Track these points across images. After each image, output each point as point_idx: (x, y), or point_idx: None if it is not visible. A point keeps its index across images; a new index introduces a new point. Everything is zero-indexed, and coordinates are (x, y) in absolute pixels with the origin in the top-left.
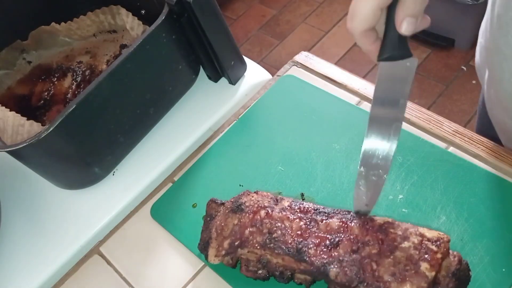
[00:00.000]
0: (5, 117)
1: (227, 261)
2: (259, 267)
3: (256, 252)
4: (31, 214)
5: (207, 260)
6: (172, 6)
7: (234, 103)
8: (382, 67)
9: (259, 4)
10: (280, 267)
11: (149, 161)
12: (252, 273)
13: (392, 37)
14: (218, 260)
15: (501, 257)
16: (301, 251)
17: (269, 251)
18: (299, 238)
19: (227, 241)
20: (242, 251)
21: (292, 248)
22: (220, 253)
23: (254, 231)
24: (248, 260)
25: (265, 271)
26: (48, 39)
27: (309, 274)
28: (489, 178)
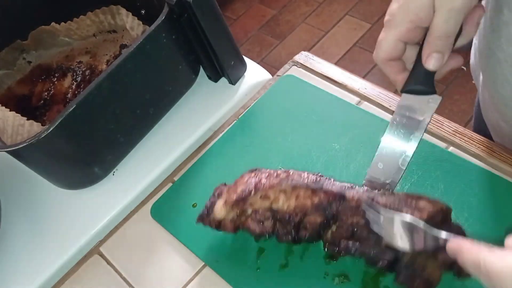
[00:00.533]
0: (5, 117)
1: (232, 216)
2: (267, 216)
3: (269, 195)
4: (31, 214)
5: (206, 221)
6: (172, 6)
7: (234, 103)
8: (404, 98)
9: (259, 4)
10: (290, 213)
11: (149, 161)
12: (258, 223)
13: (418, 71)
14: (224, 213)
15: None
16: (318, 182)
17: (286, 187)
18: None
19: (240, 188)
20: (253, 199)
21: (310, 180)
22: (230, 201)
23: (270, 177)
24: (256, 210)
25: (272, 223)
26: (48, 39)
27: (322, 211)
28: (489, 178)
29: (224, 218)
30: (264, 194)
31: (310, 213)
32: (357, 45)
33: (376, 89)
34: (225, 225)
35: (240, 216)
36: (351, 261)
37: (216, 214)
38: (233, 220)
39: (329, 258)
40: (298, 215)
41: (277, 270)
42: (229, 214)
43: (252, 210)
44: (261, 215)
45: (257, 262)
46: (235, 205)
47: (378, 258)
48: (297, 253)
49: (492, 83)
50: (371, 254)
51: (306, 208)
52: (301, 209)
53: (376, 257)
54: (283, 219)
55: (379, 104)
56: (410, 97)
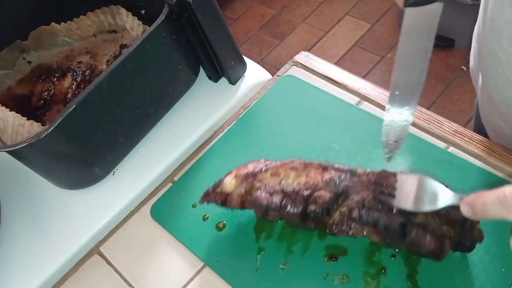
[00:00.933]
0: (5, 117)
1: (240, 191)
2: (277, 189)
3: (280, 172)
4: (31, 214)
5: (211, 196)
6: (172, 6)
7: (234, 103)
8: (407, 16)
9: (259, 4)
10: (300, 187)
11: (149, 161)
12: (267, 195)
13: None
14: (233, 185)
15: (501, 257)
16: (329, 163)
17: (297, 165)
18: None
19: (251, 165)
20: (263, 176)
21: (320, 161)
22: (240, 175)
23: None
24: (266, 185)
25: (281, 196)
26: (48, 39)
27: (332, 186)
28: (489, 178)
29: (232, 192)
30: (274, 171)
31: (321, 188)
32: (357, 45)
33: (376, 89)
34: (231, 199)
35: (249, 191)
36: (351, 262)
37: (225, 186)
38: (241, 194)
39: (329, 258)
40: (308, 189)
41: (277, 271)
42: (238, 188)
43: (263, 183)
44: (270, 188)
45: (257, 263)
46: (244, 180)
47: (391, 222)
48: (297, 253)
49: (493, 85)
50: (384, 218)
51: (317, 183)
52: (311, 184)
53: (388, 220)
54: (293, 192)
55: (379, 104)
56: (412, 12)
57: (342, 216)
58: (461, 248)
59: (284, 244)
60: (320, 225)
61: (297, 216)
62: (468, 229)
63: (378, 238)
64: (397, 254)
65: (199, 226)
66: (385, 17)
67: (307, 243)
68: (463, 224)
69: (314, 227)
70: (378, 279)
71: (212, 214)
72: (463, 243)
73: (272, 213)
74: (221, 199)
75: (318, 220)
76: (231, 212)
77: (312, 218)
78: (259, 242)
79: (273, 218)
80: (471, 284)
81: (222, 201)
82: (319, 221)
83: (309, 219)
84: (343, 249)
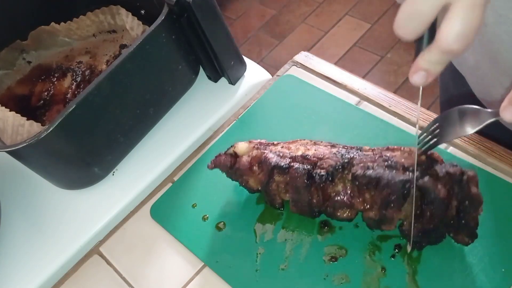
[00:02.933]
0: (5, 117)
1: (251, 154)
2: (286, 154)
3: (290, 146)
4: (31, 214)
5: (221, 157)
6: (171, 6)
7: (233, 103)
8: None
9: (259, 4)
10: (309, 155)
11: (149, 161)
12: (276, 157)
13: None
14: (246, 148)
15: (501, 257)
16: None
17: (307, 142)
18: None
19: (264, 139)
20: (274, 147)
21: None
22: (254, 142)
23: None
24: (276, 151)
25: (290, 160)
26: (47, 39)
27: (338, 157)
28: (489, 178)
29: (243, 154)
30: (286, 145)
31: (328, 157)
32: (357, 45)
33: (376, 89)
34: (241, 160)
35: (259, 156)
36: (351, 262)
37: (238, 147)
38: (251, 157)
39: (329, 258)
40: (315, 157)
41: (277, 271)
42: (249, 151)
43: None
44: (280, 153)
45: (257, 263)
46: (256, 147)
47: (393, 177)
48: (297, 253)
49: (507, 49)
50: (387, 174)
51: (324, 154)
52: (319, 154)
53: (391, 176)
54: (301, 156)
55: (379, 104)
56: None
57: (344, 186)
58: (464, 229)
59: (284, 245)
60: (322, 194)
61: (302, 175)
62: (466, 184)
63: (374, 213)
64: (397, 254)
65: (199, 226)
66: (385, 17)
67: (307, 243)
68: (461, 180)
69: (317, 199)
70: (378, 279)
71: (212, 214)
72: (464, 223)
73: (278, 178)
74: (231, 160)
75: (321, 188)
76: (231, 212)
77: (317, 184)
78: (259, 242)
79: (276, 188)
80: (471, 284)
81: (231, 162)
82: (323, 189)
83: (313, 183)
84: (343, 249)
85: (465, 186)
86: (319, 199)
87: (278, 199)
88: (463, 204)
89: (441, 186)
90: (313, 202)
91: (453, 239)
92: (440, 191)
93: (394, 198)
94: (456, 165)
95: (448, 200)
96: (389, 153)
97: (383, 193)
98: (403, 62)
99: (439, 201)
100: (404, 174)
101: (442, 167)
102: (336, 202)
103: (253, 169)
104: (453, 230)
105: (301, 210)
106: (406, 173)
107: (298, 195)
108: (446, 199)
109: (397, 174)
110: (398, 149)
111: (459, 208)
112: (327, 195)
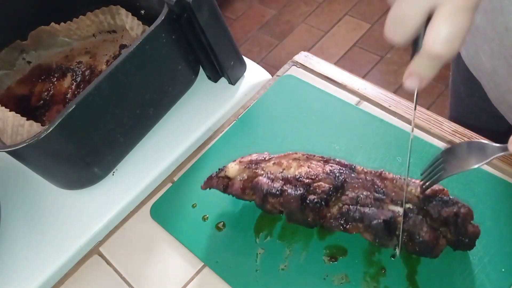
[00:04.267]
0: (5, 117)
1: (243, 177)
2: (278, 177)
3: (282, 162)
4: (31, 214)
5: (214, 181)
6: (171, 6)
7: (233, 103)
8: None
9: (259, 4)
10: (301, 175)
11: (149, 161)
12: (268, 181)
13: None
14: (237, 170)
15: (500, 257)
16: (330, 157)
17: (300, 156)
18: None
19: (254, 155)
20: (266, 164)
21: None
22: (244, 161)
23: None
24: (268, 172)
25: (282, 183)
26: (47, 39)
27: (332, 178)
28: (489, 178)
29: (235, 177)
30: (277, 161)
31: (320, 179)
32: (357, 45)
33: (376, 89)
34: (233, 184)
35: (251, 178)
36: (351, 262)
37: (228, 170)
38: (243, 180)
39: (329, 258)
40: (308, 178)
41: (277, 271)
42: (240, 174)
43: (263, 172)
44: (272, 175)
45: (257, 263)
46: (247, 167)
47: (375, 217)
48: (297, 253)
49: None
50: (369, 214)
51: (317, 174)
52: (312, 174)
53: (373, 216)
54: (293, 178)
55: (378, 104)
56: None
57: (340, 210)
58: (461, 246)
59: (284, 244)
60: (318, 216)
61: (296, 200)
62: (461, 225)
63: (370, 237)
64: (397, 254)
65: (198, 226)
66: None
67: (307, 243)
68: (456, 221)
69: (312, 218)
70: (378, 279)
71: (212, 214)
72: (461, 241)
73: (271, 200)
74: (223, 184)
75: (316, 211)
76: (231, 212)
77: (311, 208)
78: (259, 242)
79: (271, 207)
80: (471, 284)
81: (224, 185)
82: (317, 211)
83: (308, 207)
84: (343, 249)
85: (462, 227)
86: (315, 218)
87: (276, 211)
88: (460, 238)
89: (427, 228)
90: (309, 221)
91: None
92: (426, 234)
93: (379, 235)
94: (451, 203)
95: (436, 237)
96: (380, 182)
97: (369, 230)
98: (403, 62)
99: (425, 244)
100: (392, 206)
101: (436, 207)
102: (331, 225)
103: (246, 192)
104: (451, 245)
105: (298, 224)
106: (394, 208)
107: (292, 215)
108: (432, 241)
109: (381, 212)
110: (390, 179)
111: (455, 237)
112: (323, 215)
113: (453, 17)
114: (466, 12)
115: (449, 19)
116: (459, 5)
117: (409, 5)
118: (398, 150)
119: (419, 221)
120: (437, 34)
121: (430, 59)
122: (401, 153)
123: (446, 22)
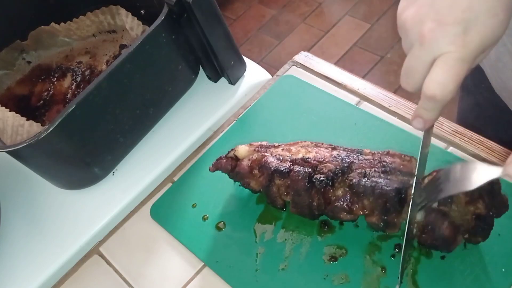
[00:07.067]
0: (5, 117)
1: (251, 157)
2: (286, 158)
3: (291, 148)
4: (31, 214)
5: (222, 161)
6: (171, 6)
7: (233, 103)
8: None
9: (258, 4)
10: (309, 158)
11: (149, 161)
12: (276, 160)
13: None
14: (246, 151)
15: (501, 257)
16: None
17: (308, 144)
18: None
19: (265, 142)
20: (275, 150)
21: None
22: (254, 145)
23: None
24: (277, 154)
25: (290, 164)
26: (47, 39)
27: (338, 161)
28: None
29: (244, 157)
30: (287, 147)
31: (328, 161)
32: (357, 45)
33: (376, 89)
34: (241, 164)
35: (260, 159)
36: (351, 262)
37: (238, 150)
38: (251, 160)
39: (329, 258)
40: (316, 160)
41: (277, 271)
42: (250, 155)
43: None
44: (281, 156)
45: (257, 263)
46: (257, 150)
47: (388, 186)
48: (297, 253)
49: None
50: (381, 183)
51: (325, 157)
52: (319, 157)
53: (385, 185)
54: (301, 159)
55: (378, 104)
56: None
57: (344, 191)
58: (481, 231)
59: (284, 244)
60: (323, 199)
61: (304, 178)
62: (498, 192)
63: (376, 218)
64: (397, 254)
65: (199, 226)
66: (385, 17)
67: (307, 243)
68: (492, 188)
69: (317, 202)
70: (378, 279)
71: (212, 214)
72: (488, 218)
73: (278, 181)
74: (231, 164)
75: (322, 192)
76: (231, 212)
77: (317, 189)
78: (259, 242)
79: (277, 191)
80: (471, 284)
81: (232, 165)
82: (323, 193)
83: (313, 187)
84: (343, 249)
85: (497, 195)
86: (320, 202)
87: (280, 201)
88: (489, 211)
89: (447, 224)
90: (314, 205)
91: (465, 239)
92: (446, 229)
93: (390, 205)
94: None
95: (456, 233)
96: (388, 159)
97: (379, 201)
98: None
99: (443, 239)
100: (401, 179)
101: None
102: (336, 207)
103: (254, 172)
104: (469, 233)
105: (302, 211)
106: (403, 178)
107: (298, 197)
108: (451, 237)
109: (392, 181)
110: (398, 156)
111: (479, 216)
112: (327, 198)
113: (449, 65)
114: (462, 63)
115: (445, 67)
116: (456, 56)
117: (415, 59)
118: (398, 150)
119: (440, 217)
120: (432, 77)
121: (428, 100)
122: (401, 152)
123: (442, 68)
